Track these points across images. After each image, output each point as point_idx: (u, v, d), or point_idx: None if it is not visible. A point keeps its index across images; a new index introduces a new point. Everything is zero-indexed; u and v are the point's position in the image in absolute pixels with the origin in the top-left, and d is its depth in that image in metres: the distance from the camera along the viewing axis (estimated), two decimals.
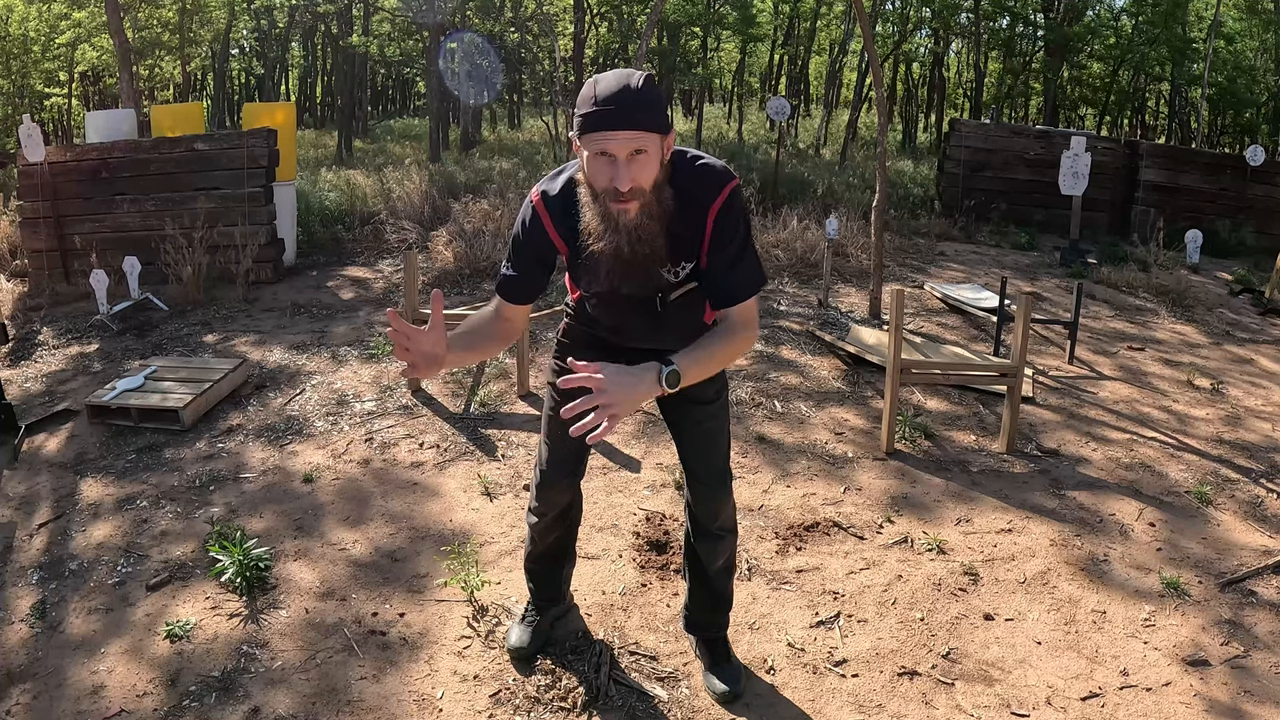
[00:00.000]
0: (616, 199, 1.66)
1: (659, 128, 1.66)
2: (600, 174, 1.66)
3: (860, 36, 16.27)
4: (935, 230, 8.77)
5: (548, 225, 1.85)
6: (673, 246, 1.79)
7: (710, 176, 1.79)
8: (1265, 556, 3.05)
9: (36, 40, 15.98)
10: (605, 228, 1.71)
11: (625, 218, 1.69)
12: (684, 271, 1.86)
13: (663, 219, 1.73)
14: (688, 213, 1.78)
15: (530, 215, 1.87)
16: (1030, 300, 3.78)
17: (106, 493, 3.45)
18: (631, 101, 1.61)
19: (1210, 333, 6.04)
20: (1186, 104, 20.64)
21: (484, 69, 18.02)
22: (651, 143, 1.65)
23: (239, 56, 26.25)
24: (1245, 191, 9.52)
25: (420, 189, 8.50)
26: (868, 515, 3.25)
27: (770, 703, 2.32)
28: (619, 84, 1.63)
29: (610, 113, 1.61)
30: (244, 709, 2.29)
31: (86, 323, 5.59)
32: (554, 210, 1.84)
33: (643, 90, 1.63)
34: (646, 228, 1.70)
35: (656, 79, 1.70)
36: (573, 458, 2.24)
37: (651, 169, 1.67)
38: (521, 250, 1.90)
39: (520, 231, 1.89)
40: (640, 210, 1.69)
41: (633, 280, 1.82)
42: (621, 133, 1.61)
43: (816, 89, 29.18)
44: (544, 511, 2.31)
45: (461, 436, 3.84)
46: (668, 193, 1.73)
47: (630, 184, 1.64)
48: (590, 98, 1.63)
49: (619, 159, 1.63)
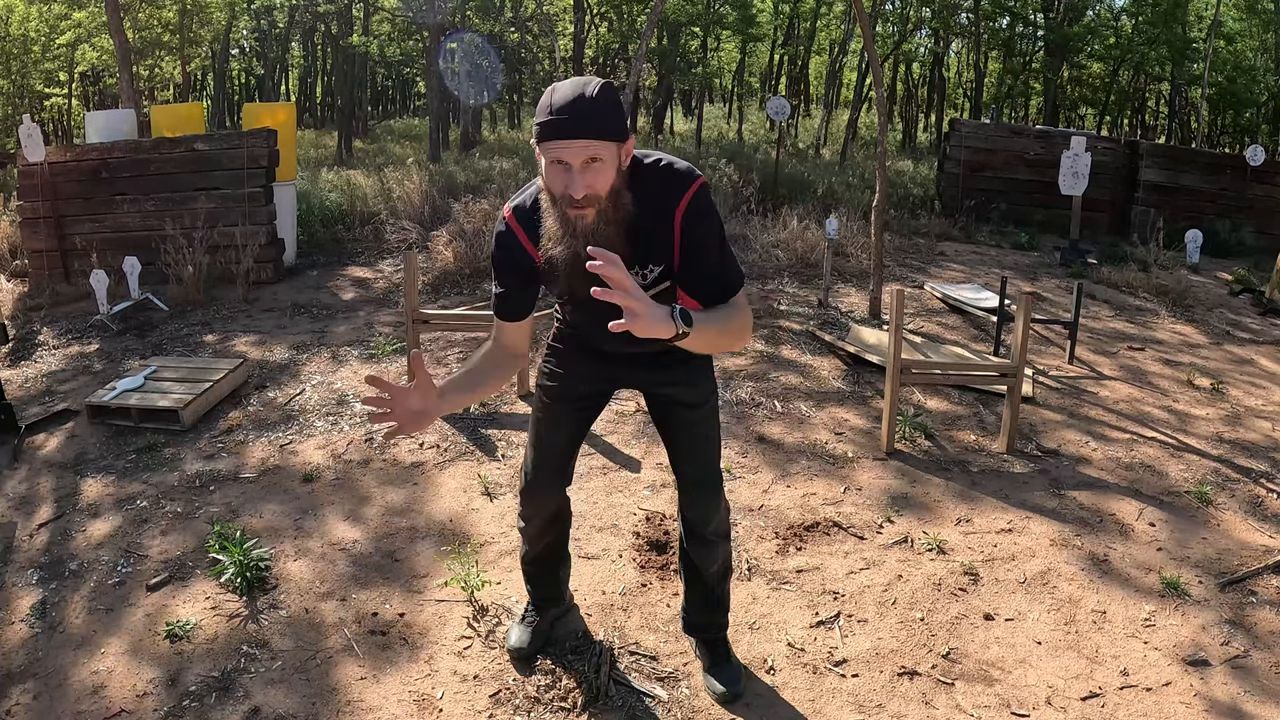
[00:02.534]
0: (572, 205, 1.67)
1: (614, 135, 1.66)
2: (556, 181, 1.68)
3: (860, 36, 16.27)
4: (935, 230, 8.77)
5: (522, 238, 1.87)
6: (638, 249, 1.79)
7: (673, 179, 1.79)
8: (1265, 556, 3.05)
9: (36, 40, 15.99)
10: (563, 233, 1.72)
11: (582, 223, 1.69)
12: (652, 274, 1.86)
13: (621, 224, 1.73)
14: (652, 215, 1.78)
15: (505, 230, 1.89)
16: (1030, 300, 3.77)
17: (106, 493, 3.45)
18: (585, 110, 1.62)
19: (1210, 333, 6.04)
20: (1186, 104, 20.65)
21: (484, 69, 18.02)
22: (606, 150, 1.65)
23: (239, 56, 26.25)
24: (1245, 191, 9.52)
25: (420, 189, 8.50)
26: (868, 515, 3.25)
27: (770, 703, 2.32)
28: (574, 93, 1.63)
29: (564, 121, 1.62)
30: (244, 709, 2.29)
31: (86, 323, 5.59)
32: (525, 223, 1.85)
33: (597, 99, 1.63)
34: (603, 233, 1.70)
35: (618, 85, 1.70)
36: (560, 461, 2.25)
37: (607, 176, 1.67)
38: (503, 267, 1.92)
39: (496, 249, 1.92)
40: (597, 216, 1.69)
41: (594, 284, 1.83)
42: (575, 141, 1.62)
43: (816, 89, 29.18)
44: (530, 516, 2.31)
45: (461, 436, 3.84)
46: (626, 197, 1.73)
47: (584, 191, 1.65)
48: (546, 106, 1.64)
49: (574, 166, 1.64)
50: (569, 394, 2.19)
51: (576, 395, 2.20)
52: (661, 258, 1.84)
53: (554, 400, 2.20)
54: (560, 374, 2.18)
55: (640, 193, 1.76)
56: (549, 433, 2.22)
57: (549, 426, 2.22)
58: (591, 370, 2.16)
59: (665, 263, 1.85)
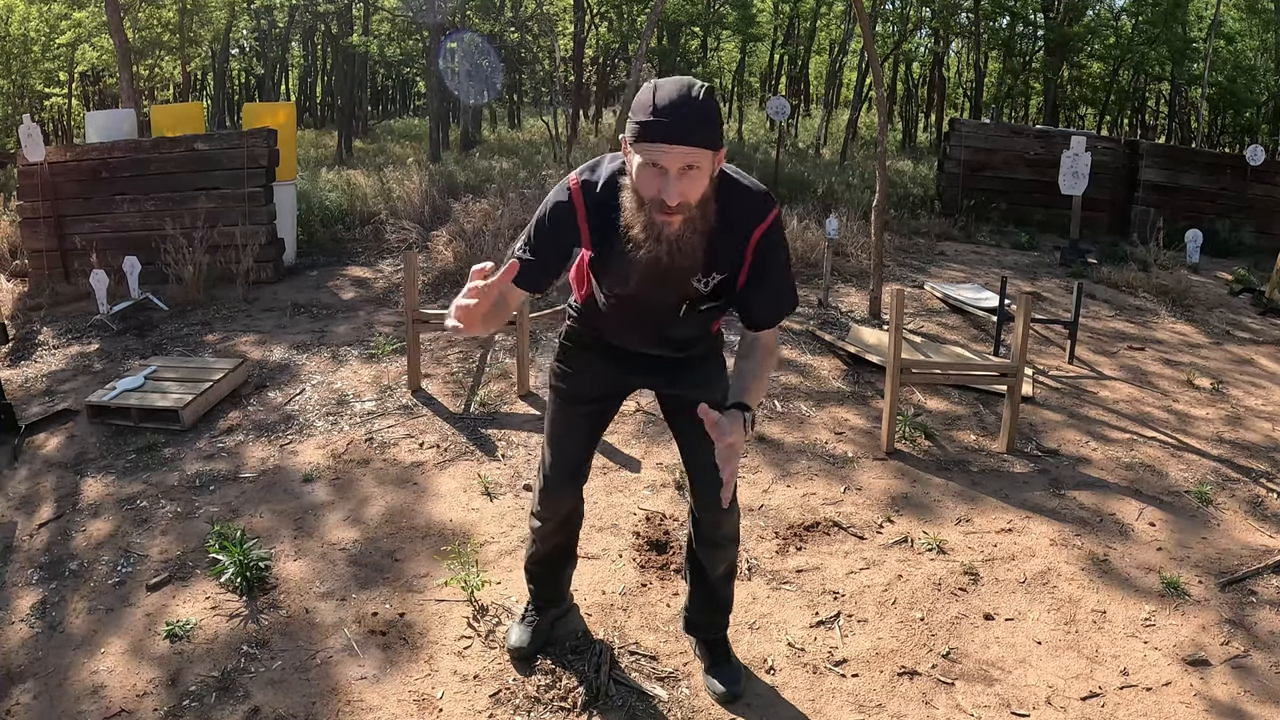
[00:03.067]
0: (663, 210, 1.63)
1: (713, 144, 1.62)
2: (649, 184, 1.62)
3: (860, 36, 16.26)
4: (935, 230, 8.77)
5: (580, 215, 1.80)
6: (708, 258, 1.76)
7: (755, 202, 1.78)
8: (1265, 556, 3.05)
9: (36, 40, 15.97)
10: (647, 236, 1.67)
11: (669, 230, 1.65)
12: (713, 281, 1.84)
13: (705, 234, 1.71)
14: (729, 232, 1.76)
15: (565, 201, 1.79)
16: (1030, 300, 3.77)
17: (106, 492, 3.45)
18: (690, 117, 1.56)
19: (1210, 333, 6.04)
20: (1186, 104, 20.65)
21: (484, 69, 18.02)
22: (704, 159, 1.61)
23: (239, 56, 26.23)
24: (1245, 191, 9.52)
25: (420, 189, 8.50)
26: (868, 515, 3.25)
27: (770, 703, 2.32)
28: (679, 94, 1.57)
29: (667, 125, 1.56)
30: (244, 709, 2.29)
31: (86, 323, 5.59)
32: (591, 202, 1.78)
33: (703, 104, 1.58)
34: (688, 240, 1.68)
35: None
36: (576, 462, 2.23)
37: (701, 185, 1.63)
38: (544, 234, 1.81)
39: (548, 214, 1.80)
40: (684, 224, 1.66)
41: (664, 289, 1.83)
42: (677, 147, 1.57)
43: (816, 89, 29.16)
44: (547, 516, 2.30)
45: (461, 436, 3.84)
46: (713, 208, 1.71)
47: (679, 199, 1.61)
48: (648, 105, 1.58)
49: (670, 172, 1.59)
50: (581, 395, 2.16)
51: (589, 397, 2.16)
52: (725, 268, 1.82)
53: (566, 402, 2.17)
54: (571, 374, 2.16)
55: (722, 207, 1.73)
56: (563, 435, 2.20)
57: (562, 429, 2.20)
58: (604, 371, 2.13)
59: (726, 274, 1.83)
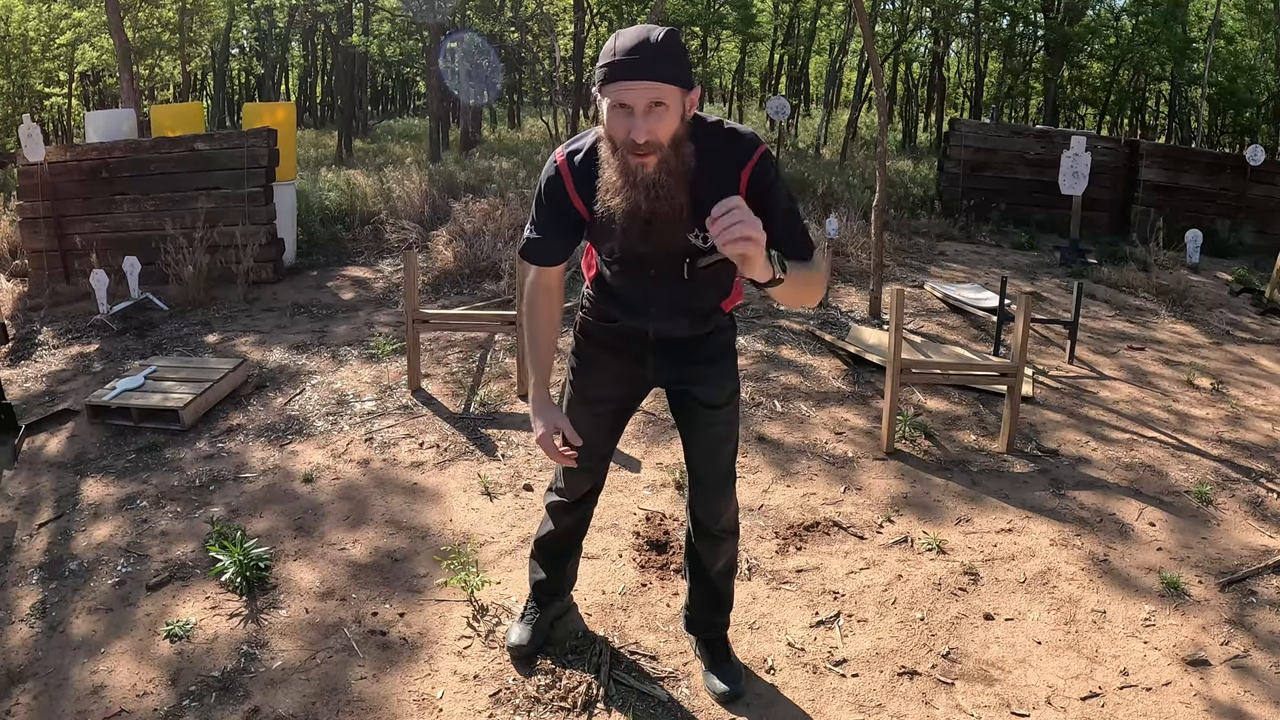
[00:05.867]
0: (634, 151, 1.64)
1: (679, 81, 1.63)
2: (618, 126, 1.64)
3: (860, 36, 16.26)
4: (935, 230, 8.77)
5: (569, 186, 1.82)
6: (698, 208, 1.71)
7: (738, 143, 1.77)
8: (1265, 556, 3.05)
9: (36, 40, 15.97)
10: (623, 182, 1.68)
11: (643, 172, 1.66)
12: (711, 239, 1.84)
13: (683, 176, 1.69)
14: (717, 173, 1.74)
15: (553, 175, 1.84)
16: (1030, 300, 3.78)
17: (106, 493, 3.45)
18: (650, 53, 1.60)
19: (1210, 333, 6.04)
20: (1186, 104, 20.66)
21: (484, 69, 18.03)
22: (671, 95, 1.62)
23: (239, 56, 26.26)
24: (1245, 191, 9.52)
25: (420, 189, 8.50)
26: (868, 515, 3.25)
27: (770, 703, 2.32)
28: (639, 37, 1.61)
29: (629, 62, 1.59)
30: (244, 709, 2.29)
31: (86, 323, 5.59)
32: (576, 170, 1.81)
33: (663, 43, 1.61)
34: (665, 184, 1.67)
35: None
36: (597, 460, 2.22)
37: (670, 123, 1.64)
38: (543, 210, 1.88)
39: (542, 192, 1.86)
40: (659, 165, 1.66)
41: (651, 240, 1.79)
42: (640, 83, 1.59)
43: (816, 89, 29.18)
44: (566, 494, 2.29)
45: (461, 436, 3.84)
46: (689, 149, 1.70)
47: (647, 135, 1.61)
48: (610, 50, 1.62)
49: (636, 110, 1.61)
50: (595, 396, 2.14)
51: (601, 398, 2.15)
52: None
53: (580, 399, 2.16)
54: (585, 371, 2.14)
55: (702, 151, 1.72)
56: (581, 428, 2.15)
57: (578, 423, 2.14)
58: (617, 368, 2.11)
59: None
